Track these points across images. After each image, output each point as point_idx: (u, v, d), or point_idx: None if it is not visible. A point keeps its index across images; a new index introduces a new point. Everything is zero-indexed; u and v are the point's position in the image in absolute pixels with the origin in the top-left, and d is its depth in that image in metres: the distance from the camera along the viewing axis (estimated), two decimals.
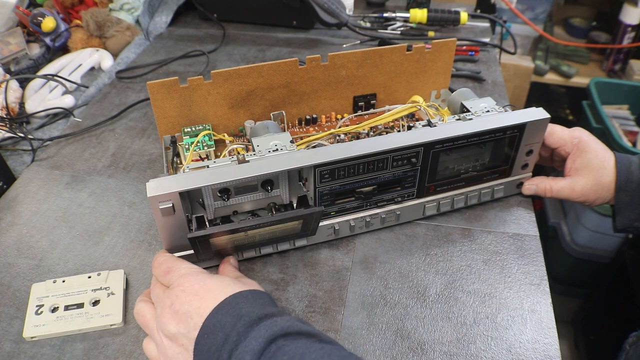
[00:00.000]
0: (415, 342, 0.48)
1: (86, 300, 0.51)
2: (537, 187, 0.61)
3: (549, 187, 0.60)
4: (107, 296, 0.51)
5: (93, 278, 0.53)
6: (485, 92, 0.84)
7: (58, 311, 0.50)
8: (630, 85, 1.36)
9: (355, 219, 0.57)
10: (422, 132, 0.53)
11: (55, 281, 0.52)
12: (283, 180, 0.51)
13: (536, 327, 0.49)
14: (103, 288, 0.52)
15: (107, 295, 0.51)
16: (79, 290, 0.52)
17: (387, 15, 1.03)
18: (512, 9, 1.19)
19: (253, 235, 0.50)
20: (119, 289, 0.52)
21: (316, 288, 0.53)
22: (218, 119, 0.64)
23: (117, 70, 0.91)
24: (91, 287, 0.52)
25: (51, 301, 0.50)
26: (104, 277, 0.53)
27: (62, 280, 0.52)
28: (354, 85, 0.68)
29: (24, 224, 0.61)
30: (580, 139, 0.59)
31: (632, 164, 0.57)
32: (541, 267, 0.55)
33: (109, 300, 0.51)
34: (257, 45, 1.00)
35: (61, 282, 0.52)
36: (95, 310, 0.50)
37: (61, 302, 0.51)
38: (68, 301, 0.51)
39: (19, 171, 0.69)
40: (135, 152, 0.72)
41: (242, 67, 0.61)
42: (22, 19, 0.95)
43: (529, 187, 0.61)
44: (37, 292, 0.51)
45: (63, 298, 0.51)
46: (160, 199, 0.45)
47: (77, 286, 0.52)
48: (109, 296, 0.51)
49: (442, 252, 0.57)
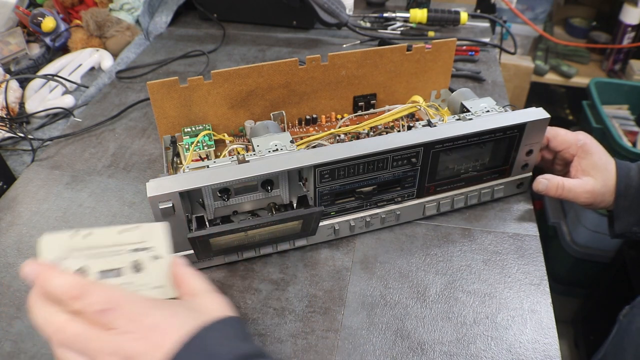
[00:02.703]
0: (415, 342, 0.48)
1: (125, 263, 0.37)
2: (549, 183, 0.58)
3: (561, 184, 0.58)
4: (151, 260, 0.38)
5: (125, 233, 0.37)
6: (485, 92, 0.84)
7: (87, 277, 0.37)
8: (630, 85, 1.36)
9: (355, 219, 0.57)
10: (422, 132, 0.53)
11: (77, 234, 0.36)
12: (283, 180, 0.51)
13: (536, 327, 0.49)
14: (144, 248, 0.38)
15: (151, 259, 0.38)
16: (112, 249, 0.37)
17: (387, 15, 1.03)
18: (512, 9, 1.19)
19: (253, 235, 0.50)
20: (165, 251, 0.39)
21: (316, 288, 0.53)
22: (218, 119, 0.64)
23: (117, 70, 0.91)
24: (128, 246, 0.37)
25: (75, 262, 0.36)
26: (140, 232, 0.38)
27: (83, 234, 0.36)
28: (354, 85, 0.68)
29: (24, 224, 0.61)
30: (584, 141, 0.59)
31: (631, 170, 0.58)
32: (541, 267, 0.55)
33: (156, 266, 0.38)
34: (257, 45, 1.00)
35: (81, 238, 0.36)
36: (140, 280, 0.38)
37: (91, 265, 0.36)
38: (100, 265, 0.36)
39: (19, 171, 0.69)
40: (135, 152, 0.72)
41: (242, 67, 0.61)
42: (22, 19, 0.95)
43: (541, 182, 0.59)
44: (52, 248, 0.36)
45: (93, 260, 0.36)
46: (160, 199, 0.45)
47: (107, 244, 0.37)
48: (155, 259, 0.38)
49: (442, 252, 0.57)
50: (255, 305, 0.51)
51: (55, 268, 0.34)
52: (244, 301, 0.52)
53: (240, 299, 0.52)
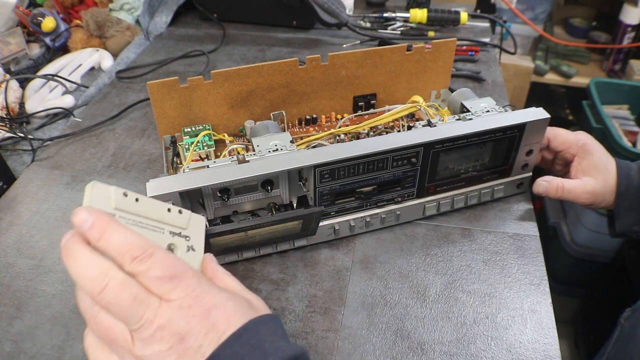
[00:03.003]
0: (415, 342, 0.48)
1: (163, 243, 0.36)
2: (549, 185, 0.59)
3: (561, 185, 0.58)
4: (186, 250, 0.37)
5: (173, 213, 0.37)
6: (485, 92, 0.84)
7: None
8: (630, 85, 1.36)
9: (355, 219, 0.57)
10: (422, 132, 0.53)
11: (127, 195, 0.34)
12: (283, 180, 0.51)
13: (536, 327, 0.49)
14: (183, 235, 0.37)
15: (186, 249, 0.37)
16: (156, 224, 0.36)
17: (387, 15, 1.03)
18: (512, 9, 1.19)
19: (253, 235, 0.50)
20: (200, 244, 0.38)
21: (316, 288, 0.53)
22: (218, 119, 0.64)
23: (117, 70, 0.91)
24: (170, 227, 0.37)
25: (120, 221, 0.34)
26: (186, 218, 0.38)
27: (134, 199, 0.35)
28: (354, 85, 0.68)
29: (24, 224, 0.61)
30: (585, 141, 0.59)
31: (632, 169, 0.58)
32: (541, 267, 0.55)
33: (189, 258, 0.37)
34: (257, 45, 1.00)
35: (134, 200, 0.35)
36: None
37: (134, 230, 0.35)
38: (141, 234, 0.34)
39: (19, 171, 0.69)
40: (135, 152, 0.72)
41: (242, 67, 0.61)
42: (22, 19, 0.95)
43: (541, 184, 0.59)
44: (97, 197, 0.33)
45: (135, 228, 0.34)
46: (160, 199, 0.45)
47: (153, 215, 0.36)
48: (189, 251, 0.38)
49: (442, 252, 0.57)
50: None
51: (116, 221, 0.32)
52: None
53: None
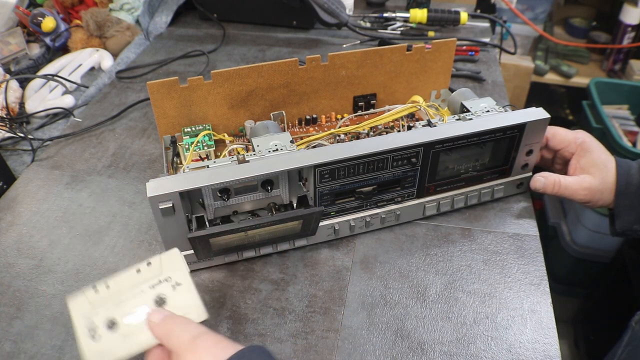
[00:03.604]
0: (415, 342, 0.48)
1: (148, 301, 0.40)
2: (546, 180, 0.59)
3: (558, 181, 0.58)
4: (172, 289, 0.40)
5: (143, 271, 0.40)
6: (485, 92, 0.84)
7: (118, 327, 0.39)
8: (630, 85, 1.36)
9: (355, 219, 0.57)
10: (422, 132, 0.53)
11: (97, 289, 0.39)
12: (283, 180, 0.51)
13: (536, 327, 0.49)
14: (163, 280, 0.40)
15: (172, 288, 0.40)
16: (134, 291, 0.40)
17: (387, 15, 1.03)
18: (512, 9, 1.19)
19: (253, 235, 0.50)
20: (184, 275, 0.41)
21: (316, 288, 0.53)
22: (218, 119, 0.64)
23: (117, 70, 0.91)
24: (147, 283, 0.40)
25: (103, 316, 0.39)
26: (157, 264, 0.41)
27: (104, 286, 0.39)
28: (354, 85, 0.68)
29: (24, 224, 0.61)
30: (583, 139, 0.59)
31: (632, 168, 0.58)
32: (541, 267, 0.55)
33: (178, 294, 0.40)
34: (257, 45, 1.00)
35: (105, 288, 0.39)
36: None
37: (117, 313, 0.39)
38: (127, 309, 0.39)
39: (19, 171, 0.69)
40: (135, 152, 0.72)
41: (242, 67, 0.61)
42: (22, 19, 0.95)
43: (538, 179, 0.59)
44: (79, 309, 0.39)
45: (117, 308, 0.39)
46: (160, 199, 0.45)
47: (128, 287, 0.40)
48: (175, 288, 0.40)
49: (442, 252, 0.57)
50: (255, 305, 0.51)
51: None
52: (244, 301, 0.52)
53: (240, 299, 0.52)
